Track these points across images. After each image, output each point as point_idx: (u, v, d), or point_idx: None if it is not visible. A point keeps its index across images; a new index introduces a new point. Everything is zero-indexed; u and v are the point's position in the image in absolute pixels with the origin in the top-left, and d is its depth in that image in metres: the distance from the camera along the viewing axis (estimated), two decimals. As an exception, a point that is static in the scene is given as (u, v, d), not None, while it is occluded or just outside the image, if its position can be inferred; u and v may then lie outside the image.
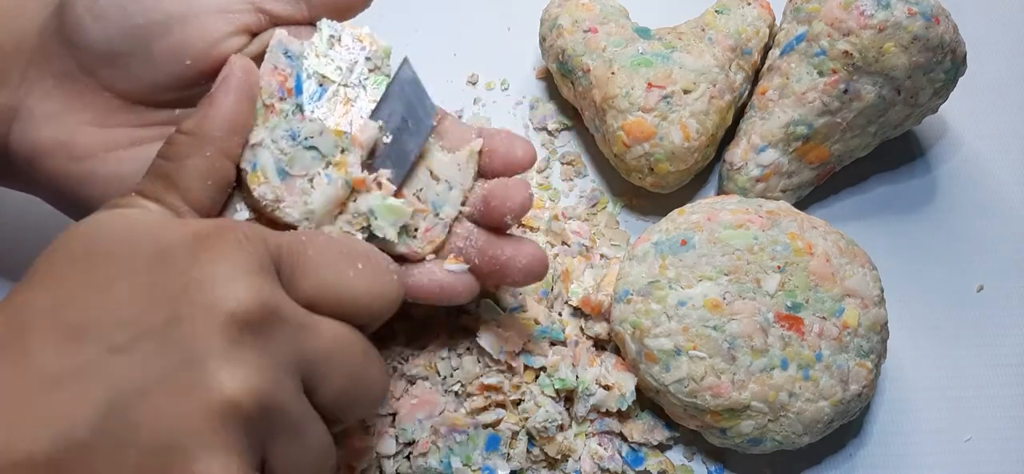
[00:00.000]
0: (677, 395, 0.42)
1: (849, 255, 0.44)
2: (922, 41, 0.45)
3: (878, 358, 0.43)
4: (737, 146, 0.49)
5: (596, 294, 0.44)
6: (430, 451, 0.41)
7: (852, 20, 0.45)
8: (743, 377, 0.41)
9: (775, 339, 0.42)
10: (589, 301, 0.44)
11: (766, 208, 0.45)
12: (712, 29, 0.50)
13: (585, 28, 0.50)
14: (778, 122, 0.48)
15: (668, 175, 0.48)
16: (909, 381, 0.47)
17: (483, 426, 0.42)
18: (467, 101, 0.54)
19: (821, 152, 0.48)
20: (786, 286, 0.42)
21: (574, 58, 0.50)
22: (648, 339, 0.42)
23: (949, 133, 0.54)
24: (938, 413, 0.47)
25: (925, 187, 0.52)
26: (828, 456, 0.45)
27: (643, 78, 0.48)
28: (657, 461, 0.43)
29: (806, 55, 0.47)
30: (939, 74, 0.47)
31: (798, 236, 0.43)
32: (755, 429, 0.42)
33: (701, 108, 0.47)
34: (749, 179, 0.48)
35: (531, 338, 0.43)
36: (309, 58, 0.38)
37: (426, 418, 0.42)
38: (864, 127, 0.48)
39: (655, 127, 0.47)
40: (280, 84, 0.37)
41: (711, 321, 0.42)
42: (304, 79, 0.38)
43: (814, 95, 0.47)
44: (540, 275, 0.39)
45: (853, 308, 0.43)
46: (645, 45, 0.49)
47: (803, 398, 0.42)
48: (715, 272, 0.42)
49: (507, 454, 0.42)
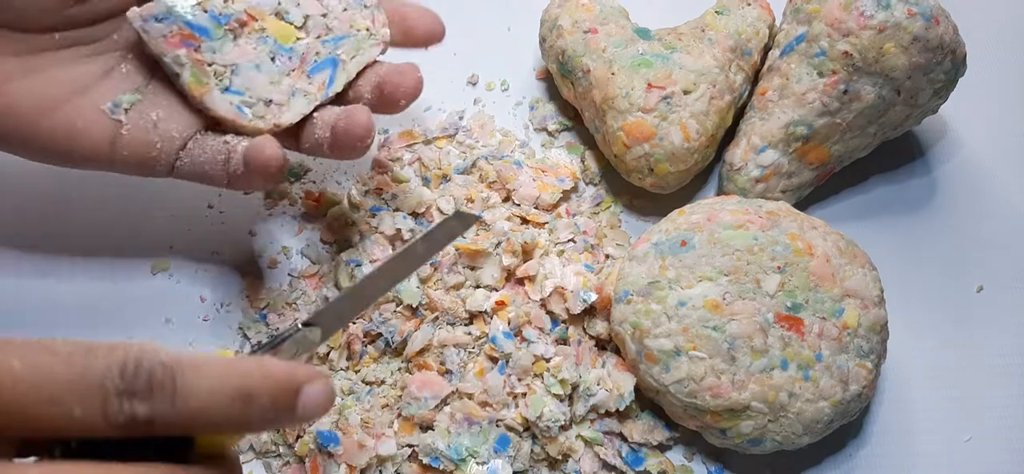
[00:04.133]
0: (677, 395, 0.42)
1: (849, 255, 0.44)
2: (922, 41, 0.45)
3: (878, 358, 0.43)
4: (737, 146, 0.49)
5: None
6: (440, 432, 0.41)
7: (852, 20, 0.45)
8: (743, 377, 0.41)
9: (775, 339, 0.42)
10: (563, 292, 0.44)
11: (766, 208, 0.45)
12: (712, 30, 0.50)
13: (585, 29, 0.50)
14: (778, 122, 0.48)
15: (668, 175, 0.48)
16: (909, 381, 0.47)
17: (496, 423, 0.42)
18: (467, 101, 0.54)
19: (821, 152, 0.48)
20: (786, 286, 0.42)
21: (574, 59, 0.50)
22: (648, 339, 0.42)
23: (949, 133, 0.54)
24: (938, 413, 0.47)
25: (925, 187, 0.52)
26: (828, 456, 0.45)
27: (643, 79, 0.48)
28: (657, 461, 0.44)
29: (806, 55, 0.47)
30: (939, 74, 0.47)
31: (798, 236, 0.43)
32: (755, 429, 0.42)
33: (701, 109, 0.47)
34: (749, 179, 0.48)
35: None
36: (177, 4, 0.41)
37: (432, 397, 0.42)
38: (864, 127, 0.48)
39: (655, 127, 0.47)
40: (183, 41, 0.40)
41: (711, 321, 0.42)
42: (192, 19, 0.41)
43: (814, 95, 0.47)
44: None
45: (853, 308, 0.43)
46: (645, 46, 0.49)
47: (803, 398, 0.42)
48: (715, 272, 0.42)
49: (512, 456, 0.42)
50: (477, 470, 0.42)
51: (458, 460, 0.41)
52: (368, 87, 0.44)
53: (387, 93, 0.43)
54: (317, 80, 0.42)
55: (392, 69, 0.43)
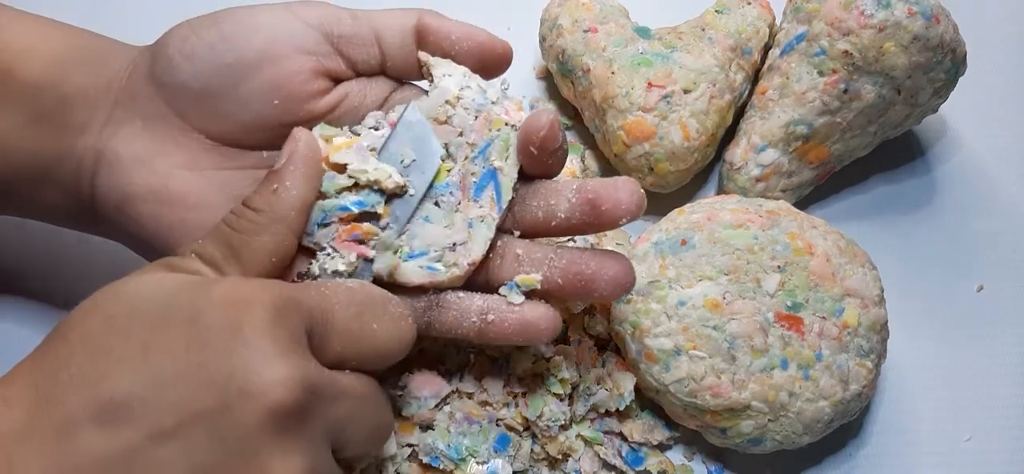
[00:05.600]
0: (677, 395, 0.42)
1: (849, 255, 0.44)
2: (922, 41, 0.45)
3: (878, 358, 0.43)
4: (737, 146, 0.49)
5: None
6: (440, 431, 0.41)
7: (852, 20, 0.45)
8: (743, 377, 0.41)
9: (775, 339, 0.42)
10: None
11: (766, 208, 0.45)
12: (712, 29, 0.50)
13: (585, 28, 0.50)
14: (778, 122, 0.48)
15: (668, 175, 0.48)
16: (909, 381, 0.47)
17: (496, 423, 0.42)
18: (467, 101, 0.54)
19: (821, 152, 0.48)
20: (786, 286, 0.42)
21: (574, 58, 0.50)
22: (648, 339, 0.42)
23: (949, 133, 0.54)
24: (938, 413, 0.47)
25: (925, 187, 0.52)
26: (828, 456, 0.45)
27: (643, 78, 0.48)
28: (657, 461, 0.43)
29: (806, 55, 0.47)
30: (939, 74, 0.47)
31: (798, 236, 0.43)
32: (755, 429, 0.42)
33: (701, 108, 0.47)
34: (749, 179, 0.48)
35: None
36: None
37: (432, 396, 0.42)
38: (864, 127, 0.48)
39: (655, 127, 0.47)
40: (350, 237, 0.38)
41: (711, 321, 0.42)
42: (354, 201, 0.38)
43: (814, 95, 0.47)
44: (628, 285, 0.38)
45: (853, 308, 0.43)
46: (645, 45, 0.49)
47: (803, 398, 0.42)
48: (715, 272, 0.42)
49: (512, 456, 0.42)
50: (477, 470, 0.42)
51: (458, 460, 0.41)
52: (571, 206, 0.38)
53: (605, 210, 0.37)
54: (485, 200, 0.39)
55: (603, 183, 0.38)
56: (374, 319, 0.34)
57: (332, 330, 0.32)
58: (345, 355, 0.33)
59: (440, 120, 0.40)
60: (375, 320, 0.34)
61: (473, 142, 0.39)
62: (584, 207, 0.38)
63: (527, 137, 0.38)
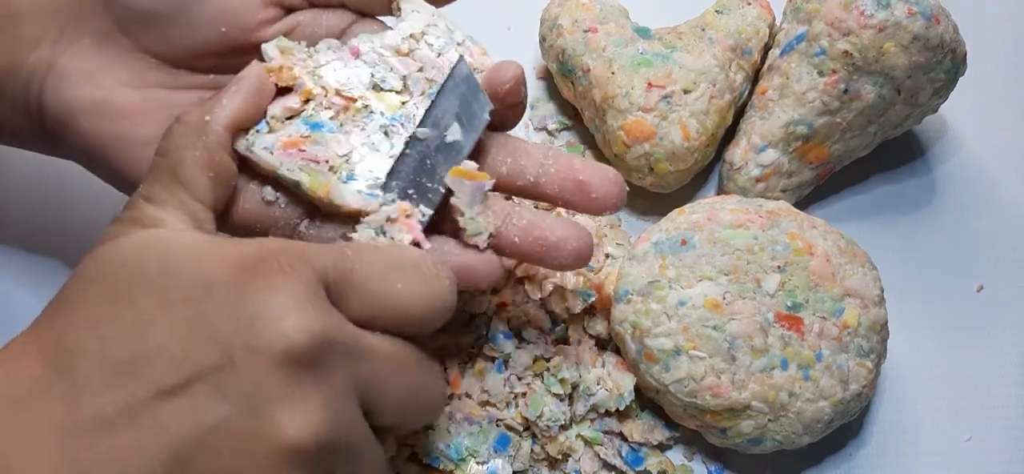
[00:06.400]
0: (677, 395, 0.42)
1: (849, 255, 0.44)
2: (922, 41, 0.45)
3: (878, 358, 0.43)
4: (737, 146, 0.49)
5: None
6: (440, 432, 0.41)
7: (852, 20, 0.45)
8: (743, 377, 0.41)
9: (775, 339, 0.42)
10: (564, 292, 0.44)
11: (766, 208, 0.45)
12: (712, 29, 0.50)
13: (585, 28, 0.50)
14: (778, 122, 0.48)
15: (668, 175, 0.48)
16: (909, 381, 0.47)
17: (496, 423, 0.42)
18: (467, 101, 0.54)
19: (821, 152, 0.48)
20: (786, 286, 0.42)
21: (574, 58, 0.50)
22: (648, 339, 0.42)
23: (949, 133, 0.54)
24: (938, 413, 0.47)
25: (925, 187, 0.52)
26: (828, 456, 0.45)
27: (643, 78, 0.48)
28: (657, 461, 0.43)
29: (806, 55, 0.47)
30: (939, 74, 0.47)
31: (798, 236, 0.43)
32: (755, 429, 0.42)
33: (701, 108, 0.47)
34: (749, 179, 0.48)
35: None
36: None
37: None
38: (864, 127, 0.48)
39: (655, 127, 0.47)
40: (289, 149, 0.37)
41: (711, 321, 0.42)
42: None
43: (814, 95, 0.47)
44: (586, 260, 0.38)
45: (853, 308, 0.43)
46: (645, 45, 0.49)
47: (803, 398, 0.42)
48: (715, 272, 0.42)
49: (512, 456, 0.42)
50: (477, 470, 0.42)
51: (458, 460, 0.41)
52: (550, 177, 0.39)
53: (595, 199, 0.38)
54: None
55: (595, 168, 0.39)
56: (400, 279, 0.32)
57: (351, 287, 0.31)
58: (368, 314, 0.32)
59: (402, 52, 0.39)
60: (401, 280, 0.32)
61: (431, 78, 0.39)
62: (571, 185, 0.38)
63: (490, 86, 0.39)
